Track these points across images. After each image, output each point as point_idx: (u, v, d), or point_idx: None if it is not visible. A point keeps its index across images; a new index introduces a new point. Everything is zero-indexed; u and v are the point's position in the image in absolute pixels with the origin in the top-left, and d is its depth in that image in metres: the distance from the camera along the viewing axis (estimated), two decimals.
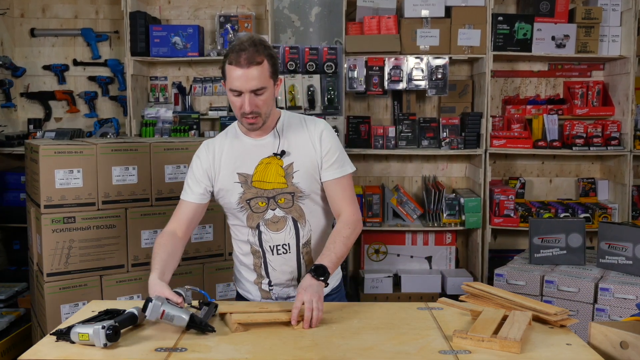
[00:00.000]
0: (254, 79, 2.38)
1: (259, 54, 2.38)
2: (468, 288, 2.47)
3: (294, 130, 2.60)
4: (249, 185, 2.55)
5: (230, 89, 2.42)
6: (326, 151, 2.58)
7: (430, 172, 5.59)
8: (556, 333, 2.17)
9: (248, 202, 2.56)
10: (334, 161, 2.59)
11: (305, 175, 2.56)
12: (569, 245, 4.12)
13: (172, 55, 5.22)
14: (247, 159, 2.57)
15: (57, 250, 3.45)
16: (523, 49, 5.06)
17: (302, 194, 2.56)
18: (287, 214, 2.57)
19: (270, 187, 2.54)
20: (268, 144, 2.58)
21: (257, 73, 2.38)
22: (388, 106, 5.57)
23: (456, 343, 2.04)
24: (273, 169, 2.55)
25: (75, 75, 5.64)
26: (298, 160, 2.56)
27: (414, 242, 5.48)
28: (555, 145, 5.09)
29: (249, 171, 2.56)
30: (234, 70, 2.39)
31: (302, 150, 2.57)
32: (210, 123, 5.58)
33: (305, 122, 2.64)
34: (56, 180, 3.44)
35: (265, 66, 2.41)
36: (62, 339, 2.08)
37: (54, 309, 3.47)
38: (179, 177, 3.79)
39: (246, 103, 2.41)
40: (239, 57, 2.37)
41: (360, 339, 2.13)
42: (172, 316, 2.11)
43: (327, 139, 2.60)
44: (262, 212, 2.56)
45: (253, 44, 2.39)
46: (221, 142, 2.64)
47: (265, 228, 2.57)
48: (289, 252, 2.59)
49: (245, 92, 2.40)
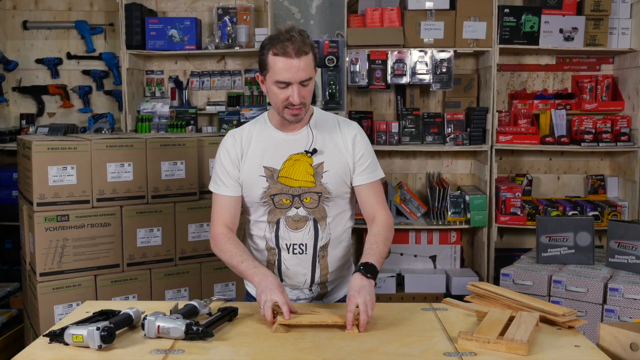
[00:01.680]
0: (304, 70, 2.39)
1: (305, 43, 2.39)
2: (473, 288, 2.47)
3: (328, 129, 2.61)
4: (275, 180, 2.54)
5: (277, 80, 2.40)
6: (359, 155, 2.59)
7: (435, 168, 5.59)
8: (564, 334, 2.16)
9: (272, 197, 2.55)
10: (367, 166, 2.60)
11: (335, 177, 2.56)
12: (577, 244, 4.12)
13: (168, 49, 5.21)
14: (275, 152, 2.56)
15: (50, 249, 3.44)
16: (530, 42, 5.05)
17: (330, 196, 2.56)
18: (310, 214, 2.56)
19: (296, 184, 2.53)
20: (299, 139, 2.57)
21: (305, 63, 2.39)
22: (391, 101, 5.57)
23: (461, 345, 2.04)
24: (302, 167, 2.54)
25: (69, 69, 5.63)
26: (329, 161, 2.56)
27: (417, 240, 5.47)
28: (563, 141, 5.08)
29: (276, 166, 2.54)
30: (281, 61, 2.38)
31: (334, 151, 2.57)
32: (208, 118, 5.58)
33: (338, 122, 2.64)
34: (49, 177, 3.43)
35: (311, 56, 2.42)
36: (56, 341, 2.08)
37: (47, 310, 3.47)
38: (175, 174, 3.79)
39: (295, 94, 2.40)
40: (286, 48, 2.36)
41: (362, 340, 2.12)
42: (167, 329, 2.11)
43: (361, 143, 2.61)
44: (285, 208, 2.56)
45: (299, 34, 2.39)
46: (249, 131, 2.62)
47: (285, 225, 2.57)
48: (305, 253, 2.59)
49: (295, 83, 2.40)
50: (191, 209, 3.85)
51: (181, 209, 3.83)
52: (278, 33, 2.41)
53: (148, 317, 2.13)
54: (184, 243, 3.86)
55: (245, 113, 5.25)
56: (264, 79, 2.49)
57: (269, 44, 2.41)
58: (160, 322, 2.12)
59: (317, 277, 2.62)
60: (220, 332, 2.19)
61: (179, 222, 3.83)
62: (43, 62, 5.58)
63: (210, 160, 3.94)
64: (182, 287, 3.87)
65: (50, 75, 5.60)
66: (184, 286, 3.88)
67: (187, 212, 3.84)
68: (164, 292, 3.81)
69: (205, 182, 3.92)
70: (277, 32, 2.42)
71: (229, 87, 5.58)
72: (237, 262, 2.48)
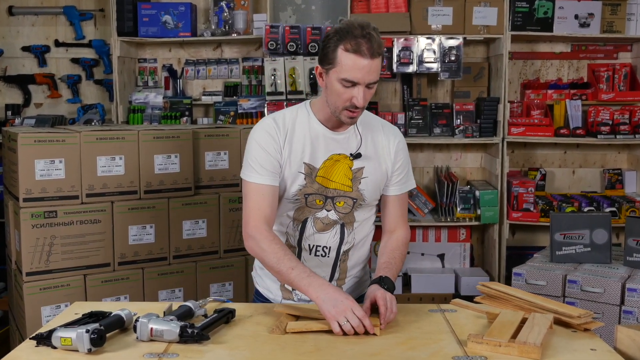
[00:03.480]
0: (375, 72, 2.35)
1: (380, 44, 2.34)
2: (484, 288, 2.47)
3: (373, 132, 2.59)
4: (312, 179, 2.51)
5: (345, 78, 2.34)
6: (398, 165, 2.60)
7: (443, 162, 5.59)
8: (580, 337, 2.16)
9: (306, 196, 2.52)
10: (402, 177, 2.61)
11: (372, 184, 2.55)
12: (593, 242, 4.11)
13: (162, 36, 5.21)
14: (317, 149, 2.51)
15: (37, 247, 3.45)
16: (543, 28, 5.04)
17: (364, 203, 2.56)
18: (340, 219, 2.56)
19: (332, 186, 2.51)
20: (344, 140, 2.54)
21: (377, 65, 2.35)
22: (397, 91, 5.56)
23: (471, 348, 2.04)
24: (341, 169, 2.52)
25: (57, 57, 5.63)
26: (370, 167, 2.54)
27: (425, 238, 5.47)
28: (578, 133, 5.07)
29: (316, 164, 2.51)
30: (354, 59, 2.32)
31: (376, 157, 2.56)
32: (204, 109, 5.58)
33: (383, 127, 2.62)
34: (36, 172, 3.43)
35: (382, 58, 2.39)
36: (43, 344, 2.07)
37: (34, 311, 3.47)
38: (169, 168, 3.79)
39: (360, 96, 2.36)
40: (360, 45, 2.30)
41: (367, 343, 2.12)
42: (161, 331, 2.11)
43: (402, 152, 2.62)
44: (316, 209, 2.54)
45: (376, 32, 2.34)
46: (291, 119, 2.53)
47: (312, 225, 2.56)
48: (328, 256, 2.59)
49: (362, 84, 2.35)
50: (186, 205, 3.86)
51: (175, 204, 3.83)
52: (351, 26, 2.33)
53: (140, 319, 2.13)
54: (179, 241, 3.86)
55: (243, 104, 5.25)
56: (325, 72, 2.42)
57: (339, 37, 2.33)
58: (154, 325, 2.11)
59: (334, 282, 2.63)
60: (217, 335, 2.19)
61: (173, 218, 3.83)
62: (30, 50, 5.57)
63: (205, 153, 3.95)
64: (176, 288, 3.88)
65: (37, 63, 5.60)
66: (179, 286, 3.88)
67: (182, 208, 3.84)
68: (157, 293, 3.82)
69: (200, 177, 3.93)
70: (349, 25, 2.35)
71: (226, 76, 5.58)
72: (286, 269, 2.34)
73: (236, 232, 4.00)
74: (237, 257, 4.05)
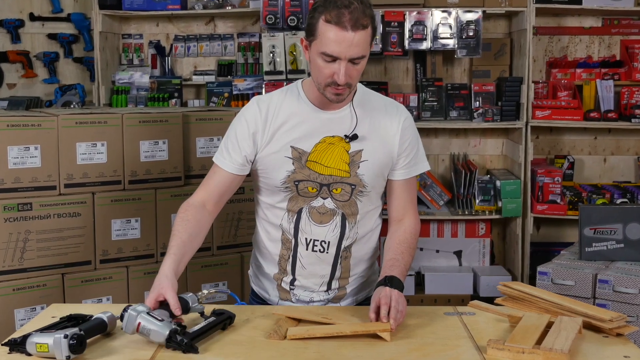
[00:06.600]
0: (357, 46, 2.33)
1: (365, 15, 2.32)
2: (505, 289, 2.47)
3: (373, 112, 2.58)
4: (302, 164, 2.51)
5: (324, 52, 2.34)
6: (404, 147, 2.59)
7: (460, 149, 5.59)
8: (612, 343, 2.16)
9: (296, 183, 2.53)
10: (410, 159, 2.61)
11: (373, 169, 2.55)
12: (626, 238, 4.11)
13: (148, 9, 5.21)
14: (307, 132, 2.52)
15: (10, 243, 3.45)
16: (572, 0, 5.03)
17: (364, 189, 2.55)
18: (339, 208, 2.55)
19: (327, 172, 2.51)
20: (339, 120, 2.54)
21: (361, 38, 2.32)
22: (409, 70, 5.56)
23: (491, 355, 2.04)
24: (336, 152, 2.52)
25: (32, 32, 5.63)
26: (369, 149, 2.54)
27: (440, 233, 5.48)
28: (610, 116, 5.06)
29: (307, 148, 2.51)
30: (333, 30, 2.31)
31: (377, 139, 2.56)
32: (195, 90, 5.58)
33: (386, 105, 2.62)
34: (9, 159, 3.43)
35: (369, 31, 2.36)
36: (17, 351, 2.08)
37: (7, 314, 3.48)
38: (156, 156, 3.79)
39: (341, 73, 2.34)
40: (341, 16, 2.29)
41: (376, 350, 2.12)
42: (148, 330, 2.10)
43: (409, 133, 2.60)
44: (310, 197, 2.54)
45: (361, 2, 2.32)
46: (279, 102, 2.56)
47: (308, 216, 2.56)
48: (326, 252, 2.59)
49: (344, 59, 2.34)
50: (175, 196, 3.85)
51: (163, 196, 3.83)
52: None
53: (130, 310, 2.12)
54: (167, 236, 3.84)
55: (239, 84, 5.25)
56: (308, 45, 2.42)
57: (322, 7, 2.33)
58: (142, 320, 2.10)
59: (335, 281, 2.63)
60: (211, 340, 2.19)
61: (161, 211, 3.83)
62: (2, 25, 5.58)
63: (197, 139, 3.94)
64: None
65: (10, 39, 5.60)
66: None
67: (170, 200, 3.84)
68: (144, 294, 3.81)
69: (191, 165, 3.93)
70: None
71: (219, 54, 5.58)
72: (169, 246, 2.45)
73: (231, 226, 4.00)
74: (232, 254, 4.05)
